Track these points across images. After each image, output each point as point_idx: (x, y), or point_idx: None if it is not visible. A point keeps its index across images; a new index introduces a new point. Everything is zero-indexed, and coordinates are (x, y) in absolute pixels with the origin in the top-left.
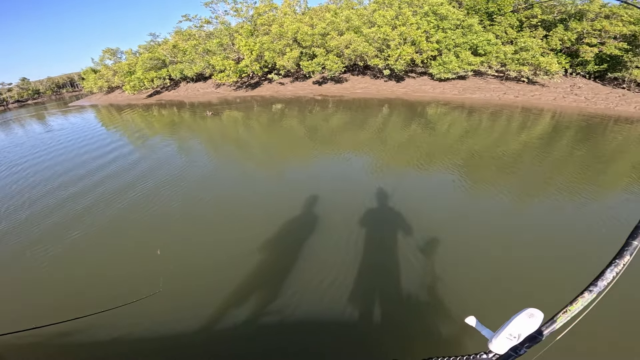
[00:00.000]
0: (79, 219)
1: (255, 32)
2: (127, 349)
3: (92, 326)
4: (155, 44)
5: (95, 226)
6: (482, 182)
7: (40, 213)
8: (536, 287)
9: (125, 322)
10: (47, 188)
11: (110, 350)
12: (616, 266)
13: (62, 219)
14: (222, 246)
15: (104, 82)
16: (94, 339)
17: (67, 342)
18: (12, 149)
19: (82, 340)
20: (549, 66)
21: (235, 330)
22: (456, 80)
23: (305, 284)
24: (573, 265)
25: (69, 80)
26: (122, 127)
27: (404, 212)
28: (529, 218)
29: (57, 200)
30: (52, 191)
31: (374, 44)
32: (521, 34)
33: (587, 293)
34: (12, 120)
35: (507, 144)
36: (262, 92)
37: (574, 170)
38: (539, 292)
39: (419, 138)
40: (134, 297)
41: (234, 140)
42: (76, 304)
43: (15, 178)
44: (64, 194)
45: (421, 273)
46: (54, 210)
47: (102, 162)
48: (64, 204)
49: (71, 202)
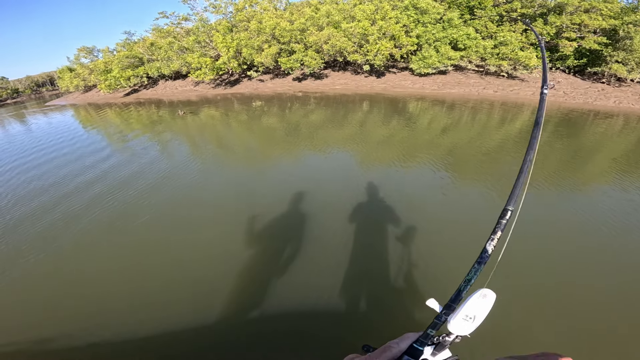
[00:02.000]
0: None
1: (234, 28)
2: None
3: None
4: (131, 42)
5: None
6: (461, 175)
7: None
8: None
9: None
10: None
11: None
12: (492, 240)
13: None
14: (202, 244)
15: (80, 81)
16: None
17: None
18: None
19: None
20: (527, 60)
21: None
22: (436, 75)
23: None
24: (533, 249)
25: (49, 78)
26: (101, 127)
27: (384, 203)
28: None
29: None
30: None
31: (353, 39)
32: (501, 28)
33: (476, 264)
34: None
35: (486, 140)
36: (242, 89)
37: (553, 164)
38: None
39: (394, 135)
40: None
41: (214, 139)
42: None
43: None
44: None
45: (394, 261)
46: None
47: (79, 166)
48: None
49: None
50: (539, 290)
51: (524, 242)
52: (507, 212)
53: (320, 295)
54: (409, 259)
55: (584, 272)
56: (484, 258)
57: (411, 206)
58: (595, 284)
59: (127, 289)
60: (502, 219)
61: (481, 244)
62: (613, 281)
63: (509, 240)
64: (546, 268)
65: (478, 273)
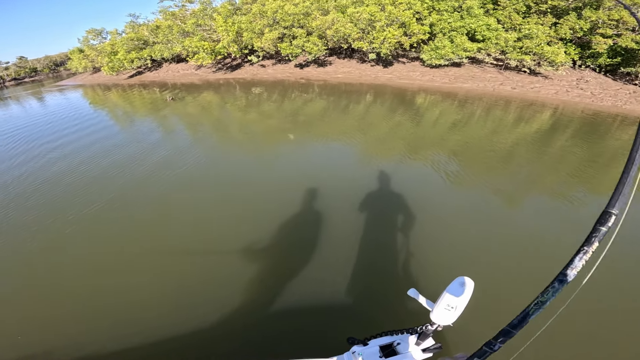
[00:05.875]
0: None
1: (238, 11)
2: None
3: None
4: (136, 24)
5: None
6: (469, 174)
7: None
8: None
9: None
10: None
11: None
12: (585, 254)
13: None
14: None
15: (88, 62)
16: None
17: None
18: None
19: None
20: (554, 56)
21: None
22: (449, 67)
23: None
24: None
25: (67, 58)
26: (108, 107)
27: (388, 198)
28: (509, 212)
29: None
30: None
31: (359, 25)
32: (527, 20)
33: (557, 282)
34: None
35: (498, 139)
36: (242, 74)
37: (569, 169)
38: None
39: (396, 128)
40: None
41: (212, 125)
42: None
43: None
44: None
45: (399, 256)
46: None
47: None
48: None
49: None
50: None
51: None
52: (611, 217)
53: (324, 290)
54: (413, 254)
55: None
56: (567, 276)
57: (415, 202)
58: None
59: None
60: (602, 226)
61: (486, 245)
62: None
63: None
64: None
65: (556, 294)
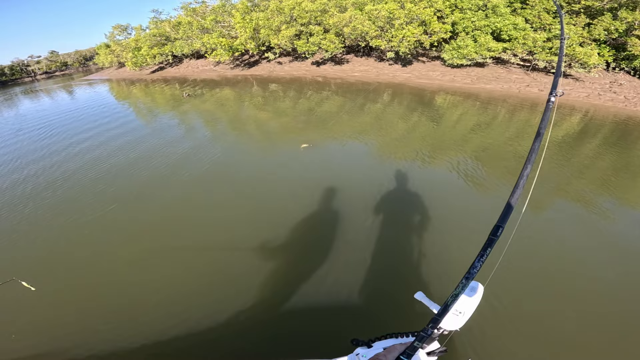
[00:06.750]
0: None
1: (255, 8)
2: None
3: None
4: (159, 20)
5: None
6: (490, 178)
7: None
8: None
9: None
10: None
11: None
12: (482, 257)
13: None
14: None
15: (114, 57)
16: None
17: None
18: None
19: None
20: (586, 58)
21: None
22: (471, 67)
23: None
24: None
25: (95, 53)
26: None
27: (404, 200)
28: (528, 219)
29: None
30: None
31: (378, 23)
32: (558, 20)
33: (464, 280)
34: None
35: (522, 143)
36: (259, 71)
37: (596, 177)
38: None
39: (415, 129)
40: None
41: (229, 122)
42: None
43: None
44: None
45: (412, 258)
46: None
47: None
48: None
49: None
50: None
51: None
52: (499, 230)
53: (336, 290)
54: (426, 256)
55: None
56: (472, 274)
57: (432, 204)
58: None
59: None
60: (494, 236)
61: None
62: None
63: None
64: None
65: (465, 288)
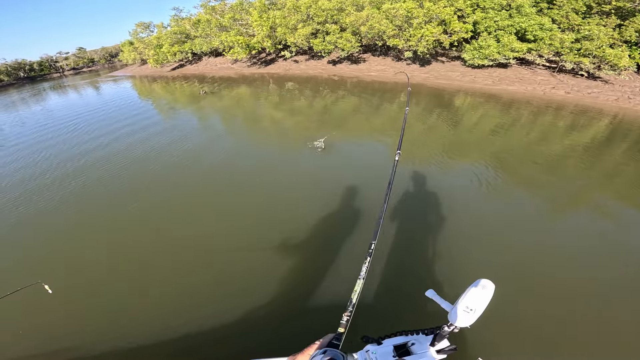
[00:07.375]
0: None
1: (273, 6)
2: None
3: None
4: (179, 18)
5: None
6: (509, 183)
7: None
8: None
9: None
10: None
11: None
12: (365, 264)
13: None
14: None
15: (137, 54)
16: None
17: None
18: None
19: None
20: (616, 60)
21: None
22: (493, 68)
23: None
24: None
25: (120, 50)
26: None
27: (421, 201)
28: (547, 225)
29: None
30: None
31: (395, 21)
32: (587, 20)
33: (359, 280)
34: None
35: (546, 147)
36: (276, 69)
37: (620, 186)
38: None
39: (433, 130)
40: None
41: (246, 120)
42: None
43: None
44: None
45: (426, 259)
46: None
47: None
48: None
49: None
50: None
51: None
52: (372, 245)
53: (352, 287)
54: (440, 257)
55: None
56: (361, 276)
57: (448, 205)
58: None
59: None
60: (369, 249)
61: (514, 253)
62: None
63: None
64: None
65: (360, 288)
